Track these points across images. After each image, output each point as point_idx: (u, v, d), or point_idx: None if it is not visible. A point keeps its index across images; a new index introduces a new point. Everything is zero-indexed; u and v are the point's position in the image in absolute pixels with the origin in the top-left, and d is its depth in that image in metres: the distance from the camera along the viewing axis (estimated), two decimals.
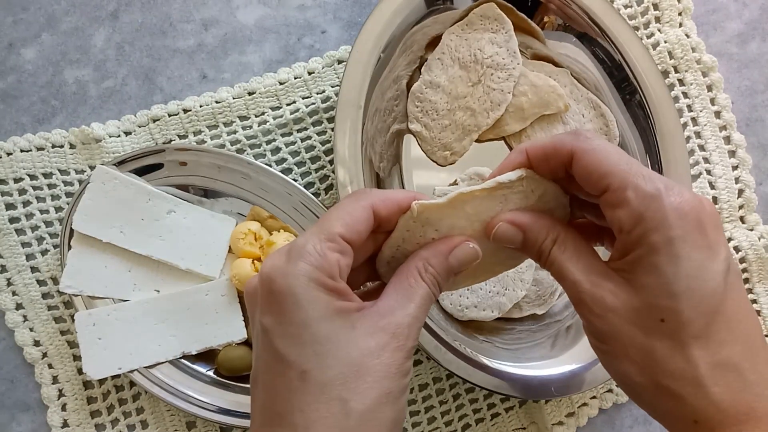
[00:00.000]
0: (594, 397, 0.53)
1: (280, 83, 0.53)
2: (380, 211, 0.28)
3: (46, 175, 0.52)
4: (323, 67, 0.53)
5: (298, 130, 0.53)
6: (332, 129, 0.52)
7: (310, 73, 0.53)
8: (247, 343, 0.50)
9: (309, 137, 0.53)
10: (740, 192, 0.56)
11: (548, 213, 0.30)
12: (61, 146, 0.52)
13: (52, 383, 0.50)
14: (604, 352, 0.28)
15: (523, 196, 0.30)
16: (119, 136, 0.52)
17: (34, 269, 0.51)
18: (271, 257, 0.27)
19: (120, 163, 0.49)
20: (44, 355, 0.50)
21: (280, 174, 0.50)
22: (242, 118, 0.53)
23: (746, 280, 0.55)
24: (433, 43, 0.52)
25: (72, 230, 0.49)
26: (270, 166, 0.52)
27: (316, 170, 0.53)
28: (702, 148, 0.56)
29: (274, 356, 0.26)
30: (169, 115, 0.52)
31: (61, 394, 0.50)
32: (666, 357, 0.26)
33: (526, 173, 0.29)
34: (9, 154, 0.51)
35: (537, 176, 0.30)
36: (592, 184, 0.27)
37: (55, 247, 0.51)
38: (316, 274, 0.26)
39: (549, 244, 0.29)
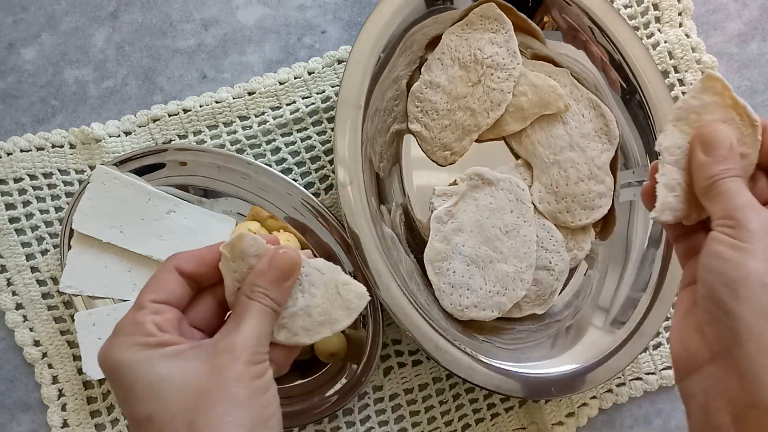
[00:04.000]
0: (594, 397, 0.53)
1: (280, 83, 0.53)
2: (184, 268, 0.31)
3: (46, 175, 0.52)
4: (323, 67, 0.53)
5: (298, 130, 0.53)
6: (332, 129, 0.52)
7: (310, 73, 0.53)
8: None
9: (309, 137, 0.53)
10: None
11: None
12: (61, 146, 0.52)
13: (52, 383, 0.50)
14: (740, 248, 0.28)
15: None
16: (119, 136, 0.52)
17: (34, 269, 0.51)
18: (100, 349, 0.30)
19: (120, 163, 0.49)
20: (44, 355, 0.50)
21: (280, 174, 0.50)
22: (242, 118, 0.53)
23: None
24: (433, 43, 0.52)
25: (72, 230, 0.49)
26: (270, 166, 0.52)
27: (316, 170, 0.53)
28: None
29: (131, 423, 0.29)
30: (169, 115, 0.52)
31: (61, 394, 0.50)
32: None
33: None
34: (9, 154, 0.51)
35: None
36: None
37: (55, 247, 0.51)
38: (132, 339, 0.29)
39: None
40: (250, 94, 0.53)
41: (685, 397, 0.31)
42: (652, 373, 0.53)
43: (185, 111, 0.52)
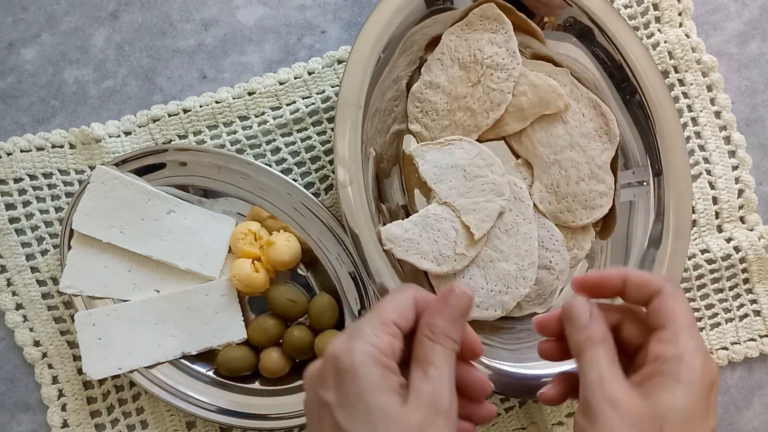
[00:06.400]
0: None
1: (280, 83, 0.53)
2: (420, 303, 0.33)
3: (46, 175, 0.52)
4: (323, 67, 0.53)
5: (298, 130, 0.53)
6: (332, 129, 0.52)
7: (310, 73, 0.53)
8: (246, 343, 0.50)
9: (309, 137, 0.53)
10: (740, 192, 0.56)
11: None
12: (61, 146, 0.52)
13: (52, 383, 0.50)
14: (581, 428, 0.32)
15: None
16: (119, 136, 0.52)
17: (34, 269, 0.51)
18: (336, 339, 0.32)
19: (120, 163, 0.49)
20: (44, 355, 0.50)
21: (280, 174, 0.50)
22: (242, 118, 0.53)
23: (746, 281, 0.55)
24: (433, 43, 0.52)
25: (72, 230, 0.49)
26: (270, 166, 0.52)
27: (316, 170, 0.53)
28: (702, 148, 0.56)
29: (334, 427, 0.30)
30: (169, 115, 0.52)
31: (61, 394, 0.50)
32: None
33: None
34: (9, 154, 0.51)
35: None
36: (644, 299, 0.34)
37: (55, 247, 0.51)
38: (373, 351, 0.30)
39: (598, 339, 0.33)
40: (250, 94, 0.53)
41: None
42: None
43: (185, 111, 0.52)
